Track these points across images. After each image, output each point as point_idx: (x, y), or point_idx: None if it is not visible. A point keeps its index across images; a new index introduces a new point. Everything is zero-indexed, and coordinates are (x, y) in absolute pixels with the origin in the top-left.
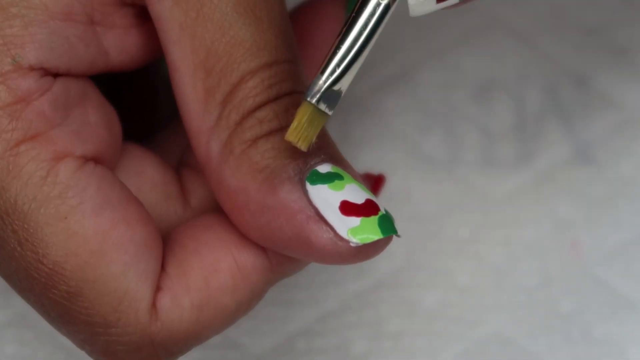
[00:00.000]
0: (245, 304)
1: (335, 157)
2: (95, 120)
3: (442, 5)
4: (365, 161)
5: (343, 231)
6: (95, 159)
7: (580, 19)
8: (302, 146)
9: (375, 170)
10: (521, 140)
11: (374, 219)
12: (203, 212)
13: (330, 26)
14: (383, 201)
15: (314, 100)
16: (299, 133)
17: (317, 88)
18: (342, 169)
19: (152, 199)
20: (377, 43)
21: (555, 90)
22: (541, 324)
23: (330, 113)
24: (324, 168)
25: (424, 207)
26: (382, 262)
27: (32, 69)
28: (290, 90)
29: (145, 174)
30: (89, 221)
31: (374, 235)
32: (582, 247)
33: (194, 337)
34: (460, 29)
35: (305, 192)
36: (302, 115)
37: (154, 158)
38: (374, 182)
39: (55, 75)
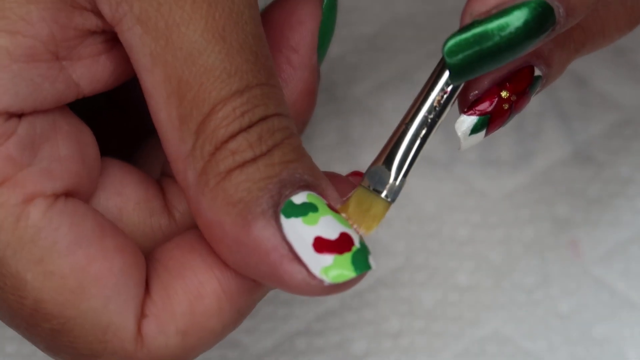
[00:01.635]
0: (231, 324)
1: (309, 179)
2: (66, 153)
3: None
4: (366, 161)
5: (316, 270)
6: (67, 193)
7: None
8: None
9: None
10: (521, 140)
11: (347, 256)
12: (188, 225)
13: (306, 26)
14: None
15: (390, 198)
16: (369, 224)
17: (394, 188)
18: (318, 196)
19: (135, 218)
20: (377, 44)
21: (555, 90)
22: (540, 323)
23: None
24: (299, 198)
25: (424, 207)
26: (382, 262)
27: None
28: (263, 116)
29: (128, 193)
30: (64, 260)
31: (347, 272)
32: (581, 246)
33: (180, 359)
34: None
35: (279, 227)
36: (381, 214)
37: (136, 174)
38: None
39: (21, 115)
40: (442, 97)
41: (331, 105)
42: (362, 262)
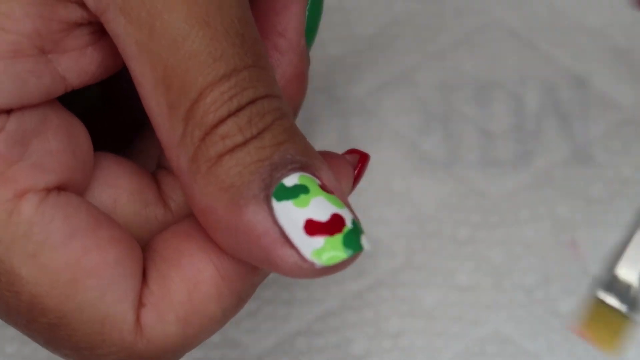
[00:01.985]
0: (232, 309)
1: (302, 160)
2: (57, 147)
3: None
4: None
5: (307, 253)
6: (60, 187)
7: (580, 19)
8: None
9: (375, 169)
10: (520, 140)
11: (338, 238)
12: (184, 214)
13: (291, 10)
14: (384, 201)
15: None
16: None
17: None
18: (311, 176)
19: (130, 210)
20: (377, 44)
21: (555, 90)
22: (540, 323)
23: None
24: (290, 180)
25: (424, 207)
26: (382, 261)
27: None
28: (252, 98)
29: (121, 184)
30: (58, 253)
31: (339, 254)
32: (580, 246)
33: (182, 347)
34: (460, 30)
35: (270, 211)
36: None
37: (129, 166)
38: (359, 159)
39: (9, 111)
40: None
41: (331, 105)
42: (353, 242)
